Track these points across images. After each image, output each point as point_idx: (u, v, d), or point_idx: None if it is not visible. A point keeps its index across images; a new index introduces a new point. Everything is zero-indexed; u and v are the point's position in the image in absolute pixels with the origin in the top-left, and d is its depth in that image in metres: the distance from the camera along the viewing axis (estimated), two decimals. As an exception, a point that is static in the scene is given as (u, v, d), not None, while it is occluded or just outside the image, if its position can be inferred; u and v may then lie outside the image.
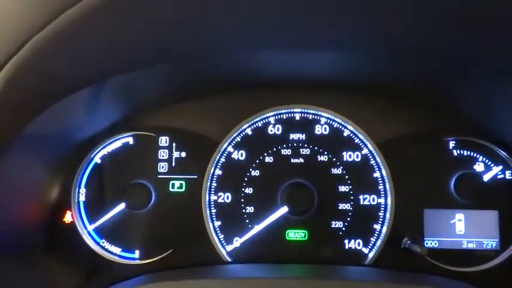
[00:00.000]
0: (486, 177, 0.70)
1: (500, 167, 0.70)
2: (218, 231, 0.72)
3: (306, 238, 0.72)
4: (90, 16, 0.35)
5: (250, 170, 0.73)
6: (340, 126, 0.73)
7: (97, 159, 0.74)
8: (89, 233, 0.72)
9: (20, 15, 0.35)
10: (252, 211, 0.72)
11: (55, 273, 0.71)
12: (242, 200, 0.73)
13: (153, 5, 0.38)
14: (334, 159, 0.73)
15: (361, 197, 0.72)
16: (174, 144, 0.74)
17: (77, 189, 0.73)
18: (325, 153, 0.73)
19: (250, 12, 0.44)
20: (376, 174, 0.73)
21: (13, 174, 0.59)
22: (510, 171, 0.70)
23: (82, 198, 0.73)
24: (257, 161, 0.73)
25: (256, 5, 0.41)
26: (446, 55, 0.56)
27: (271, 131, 0.74)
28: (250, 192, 0.73)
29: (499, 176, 0.71)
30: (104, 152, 0.73)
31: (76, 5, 0.33)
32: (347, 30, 0.49)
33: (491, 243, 0.70)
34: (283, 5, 0.43)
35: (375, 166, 0.72)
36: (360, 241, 0.71)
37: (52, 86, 0.48)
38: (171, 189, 0.73)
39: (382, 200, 0.71)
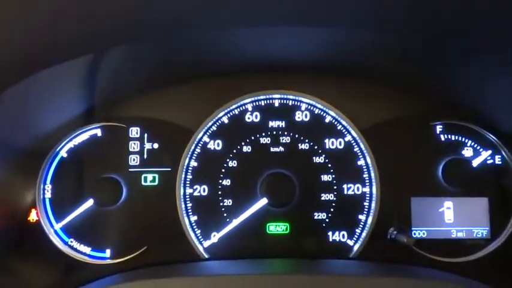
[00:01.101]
0: (475, 163, 0.67)
1: (490, 152, 0.67)
2: (194, 226, 0.69)
3: (287, 231, 0.69)
4: None
5: (228, 160, 0.70)
6: (322, 113, 0.72)
7: (63, 153, 0.70)
8: (55, 232, 0.68)
9: None
10: (230, 204, 0.69)
11: (22, 275, 0.66)
12: (219, 193, 0.69)
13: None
14: (315, 147, 0.70)
15: (344, 186, 0.69)
16: (145, 135, 0.70)
17: (42, 186, 0.68)
18: (306, 141, 0.70)
19: None
20: (360, 162, 0.69)
21: None
22: (500, 156, 0.67)
23: (48, 195, 0.69)
24: (234, 151, 0.70)
25: None
26: (437, 30, 0.53)
27: (248, 118, 0.70)
28: (228, 184, 0.69)
29: (488, 161, 0.68)
30: (70, 145, 0.69)
31: None
32: (325, 4, 0.45)
33: (481, 231, 0.68)
34: None
35: (359, 153, 0.69)
36: (345, 233, 0.68)
37: (17, 60, 0.44)
38: (143, 183, 0.69)
39: (367, 189, 0.69)
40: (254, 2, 0.43)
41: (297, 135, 0.71)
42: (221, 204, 0.69)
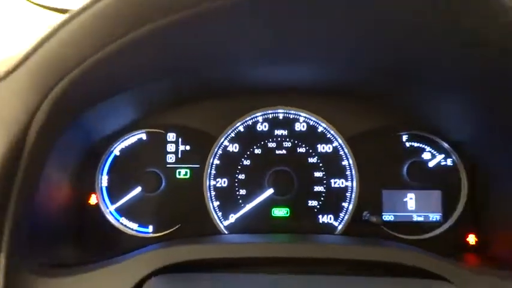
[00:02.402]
0: (431, 164, 0.80)
1: (443, 155, 0.80)
2: (217, 210, 0.80)
3: (287, 215, 0.81)
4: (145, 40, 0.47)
5: (243, 160, 0.81)
6: (315, 124, 0.82)
7: (116, 152, 0.82)
8: (110, 212, 0.80)
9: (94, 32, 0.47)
10: (244, 193, 0.81)
11: (84, 247, 0.77)
12: (236, 184, 0.81)
13: (188, 36, 0.49)
14: (310, 151, 0.82)
15: (332, 181, 0.80)
16: (180, 139, 0.82)
17: (100, 177, 0.80)
18: (303, 145, 0.82)
19: (255, 40, 0.56)
20: (344, 163, 0.81)
21: (56, 159, 0.68)
22: (451, 159, 0.80)
23: (104, 184, 0.80)
24: (248, 153, 0.81)
25: (260, 36, 0.53)
26: (397, 72, 0.68)
27: (259, 128, 0.82)
28: (243, 177, 0.81)
29: (442, 163, 0.80)
30: (122, 146, 0.81)
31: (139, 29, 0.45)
32: (323, 52, 0.61)
33: (435, 216, 0.80)
34: (280, 35, 0.55)
35: (343, 156, 0.81)
36: (331, 216, 0.80)
37: (104, 87, 0.59)
38: (177, 176, 0.81)
39: (349, 183, 0.81)
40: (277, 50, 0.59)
41: (296, 141, 0.82)
42: (237, 193, 0.81)
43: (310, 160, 0.81)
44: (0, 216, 0.55)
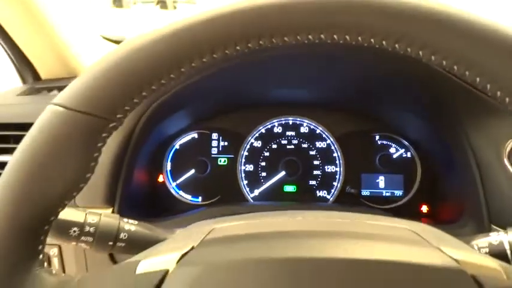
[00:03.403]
0: (395, 156, 1.02)
1: (403, 150, 1.03)
2: (245, 186, 1.03)
3: (295, 190, 1.03)
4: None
5: (264, 152, 1.03)
6: (314, 127, 1.04)
7: (177, 146, 1.04)
8: (172, 187, 1.02)
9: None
10: (264, 175, 1.03)
11: (155, 210, 0.97)
12: (259, 169, 1.03)
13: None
14: (311, 146, 1.03)
15: (326, 167, 1.03)
16: (220, 138, 1.04)
17: (166, 163, 1.03)
18: (306, 142, 1.04)
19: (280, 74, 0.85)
20: (335, 155, 1.03)
21: (142, 150, 0.86)
22: (410, 152, 1.02)
23: (168, 168, 1.03)
24: (267, 147, 1.03)
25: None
26: (369, 94, 0.95)
27: (275, 130, 1.05)
28: (263, 164, 1.03)
29: (403, 155, 1.02)
30: (181, 142, 1.04)
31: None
32: (319, 82, 0.91)
33: (398, 192, 1.02)
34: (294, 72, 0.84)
35: (334, 150, 1.03)
36: (325, 191, 1.02)
37: (178, 105, 0.89)
38: (219, 163, 1.03)
39: (337, 169, 1.02)
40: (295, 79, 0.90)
41: (301, 139, 1.04)
42: (260, 175, 1.03)
43: (311, 153, 1.03)
44: (114, 187, 0.78)
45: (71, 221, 0.55)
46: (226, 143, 1.05)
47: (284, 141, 1.05)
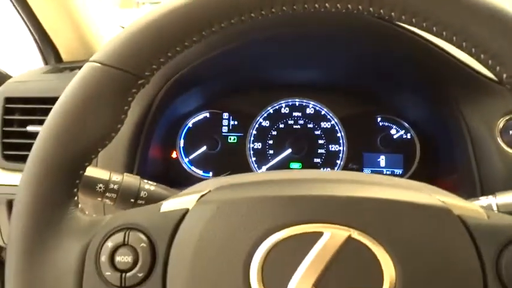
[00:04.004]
0: (396, 137, 1.06)
1: (404, 131, 1.06)
2: (254, 163, 1.05)
3: (300, 167, 1.05)
4: None
5: (271, 131, 1.06)
6: (319, 109, 1.06)
7: (189, 125, 1.08)
8: (185, 163, 1.05)
9: None
10: (272, 152, 1.05)
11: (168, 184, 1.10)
12: (267, 147, 1.05)
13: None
14: (316, 126, 1.06)
15: (330, 146, 1.05)
16: (231, 117, 1.06)
17: (179, 140, 1.06)
18: (311, 122, 1.06)
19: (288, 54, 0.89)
20: (338, 135, 1.05)
21: (156, 127, 0.93)
22: (409, 133, 1.05)
23: (181, 144, 1.06)
24: (275, 126, 1.06)
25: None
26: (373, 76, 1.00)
27: (282, 111, 1.07)
28: (271, 142, 1.05)
29: (403, 136, 1.06)
30: (193, 120, 1.08)
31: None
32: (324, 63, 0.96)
33: (398, 171, 1.05)
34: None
35: (338, 130, 1.05)
36: (329, 169, 1.04)
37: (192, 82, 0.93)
38: (229, 141, 1.06)
39: (341, 148, 1.05)
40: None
41: (306, 120, 1.08)
42: (267, 152, 1.05)
43: (316, 132, 1.06)
44: (132, 160, 0.80)
45: (97, 178, 0.60)
46: (236, 122, 1.08)
47: (291, 122, 1.08)
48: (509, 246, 0.37)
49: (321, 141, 1.07)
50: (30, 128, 0.82)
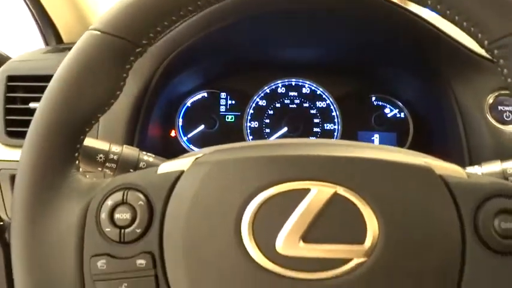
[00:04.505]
0: (389, 115, 1.07)
1: (397, 110, 1.07)
2: (251, 139, 1.06)
3: None
4: None
5: (268, 110, 1.06)
6: (315, 88, 1.06)
7: (188, 104, 1.09)
8: (183, 141, 1.06)
9: None
10: (268, 131, 1.06)
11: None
12: (263, 126, 1.06)
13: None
14: (311, 105, 1.06)
15: (325, 125, 1.06)
16: (228, 97, 1.07)
17: (178, 119, 1.06)
18: (307, 102, 1.06)
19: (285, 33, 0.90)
20: (333, 114, 1.07)
21: (155, 105, 0.98)
22: (403, 113, 1.06)
23: (180, 123, 1.06)
24: (271, 106, 1.07)
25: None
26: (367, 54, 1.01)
27: (279, 90, 1.08)
28: (268, 121, 1.06)
29: (397, 115, 1.07)
30: (192, 100, 1.09)
31: None
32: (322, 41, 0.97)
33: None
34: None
35: (333, 109, 1.06)
36: None
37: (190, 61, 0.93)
38: (226, 120, 1.07)
39: (336, 127, 1.05)
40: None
41: (302, 99, 1.08)
42: (264, 131, 1.06)
43: (312, 111, 1.06)
44: (131, 135, 0.81)
45: (98, 149, 0.62)
46: (233, 102, 1.09)
47: (287, 101, 1.09)
48: (486, 202, 0.39)
49: (316, 120, 1.08)
50: (33, 105, 0.83)
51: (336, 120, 1.08)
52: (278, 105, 1.09)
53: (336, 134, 1.11)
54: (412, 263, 0.36)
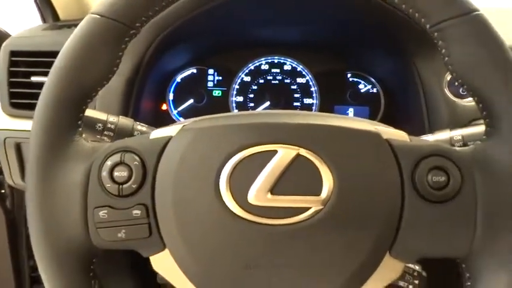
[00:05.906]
0: (363, 91, 1.11)
1: (371, 86, 1.11)
2: (236, 111, 1.08)
3: None
4: None
5: (252, 86, 1.09)
6: (296, 66, 1.11)
7: (178, 80, 1.12)
8: (174, 114, 1.09)
9: None
10: (252, 105, 1.09)
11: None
12: (248, 100, 1.10)
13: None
14: (292, 81, 1.09)
15: (304, 99, 1.09)
16: (215, 73, 1.10)
17: (168, 93, 1.08)
18: (288, 78, 1.09)
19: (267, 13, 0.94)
20: (312, 89, 1.11)
21: (147, 81, 1.03)
22: (376, 88, 1.11)
23: (171, 97, 1.07)
24: (256, 81, 1.10)
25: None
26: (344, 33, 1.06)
27: (262, 67, 1.10)
28: (252, 96, 1.10)
29: (370, 91, 1.12)
30: (182, 75, 1.11)
31: None
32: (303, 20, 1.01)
33: None
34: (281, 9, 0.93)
35: (312, 85, 1.12)
36: None
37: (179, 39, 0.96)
38: (214, 94, 1.10)
39: (314, 101, 1.10)
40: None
41: (284, 76, 1.12)
42: (248, 105, 1.10)
43: (292, 87, 1.10)
44: (126, 107, 0.87)
45: (97, 118, 0.68)
46: (220, 78, 1.11)
47: (270, 77, 1.11)
48: (423, 161, 0.46)
49: (296, 95, 1.11)
50: (34, 79, 0.87)
51: (314, 95, 1.11)
52: (261, 81, 1.11)
53: (314, 107, 1.16)
54: (359, 211, 0.43)
